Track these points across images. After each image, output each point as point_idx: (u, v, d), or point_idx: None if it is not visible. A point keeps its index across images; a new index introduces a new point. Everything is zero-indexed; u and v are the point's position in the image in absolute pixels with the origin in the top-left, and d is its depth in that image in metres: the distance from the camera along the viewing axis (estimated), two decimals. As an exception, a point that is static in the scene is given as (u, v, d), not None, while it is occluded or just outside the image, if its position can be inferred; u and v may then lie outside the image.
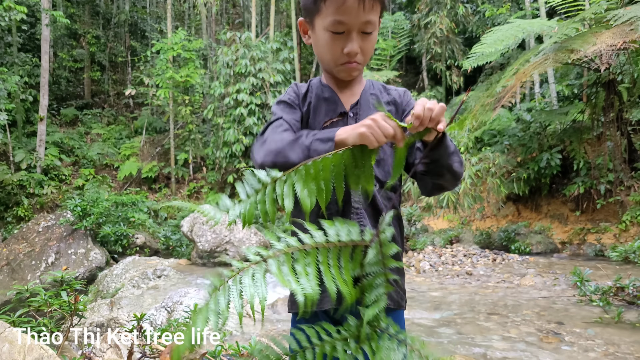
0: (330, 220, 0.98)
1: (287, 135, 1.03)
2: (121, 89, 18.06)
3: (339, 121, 1.17)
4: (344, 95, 1.22)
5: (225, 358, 2.14)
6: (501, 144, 10.02)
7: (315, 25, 1.13)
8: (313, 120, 1.19)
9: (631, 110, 8.68)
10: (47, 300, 2.35)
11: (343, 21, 1.06)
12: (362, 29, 1.08)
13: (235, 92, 11.79)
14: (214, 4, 15.37)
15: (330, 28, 1.08)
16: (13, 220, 10.93)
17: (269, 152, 1.01)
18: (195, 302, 2.90)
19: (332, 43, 1.11)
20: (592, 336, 3.61)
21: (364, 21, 1.06)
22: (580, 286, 4.33)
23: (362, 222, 1.11)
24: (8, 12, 10.47)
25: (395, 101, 1.26)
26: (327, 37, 1.10)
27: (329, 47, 1.12)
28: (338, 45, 1.10)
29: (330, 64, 1.17)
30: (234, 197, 0.78)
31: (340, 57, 1.12)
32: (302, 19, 1.18)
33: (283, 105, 1.21)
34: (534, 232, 8.48)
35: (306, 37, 1.20)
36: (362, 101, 1.21)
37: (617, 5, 7.53)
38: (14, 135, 12.78)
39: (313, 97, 1.22)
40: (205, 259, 8.33)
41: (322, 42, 1.13)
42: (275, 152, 0.99)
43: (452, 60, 13.81)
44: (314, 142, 0.95)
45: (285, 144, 0.99)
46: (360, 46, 1.10)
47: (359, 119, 1.17)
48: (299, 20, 1.20)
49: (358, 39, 1.09)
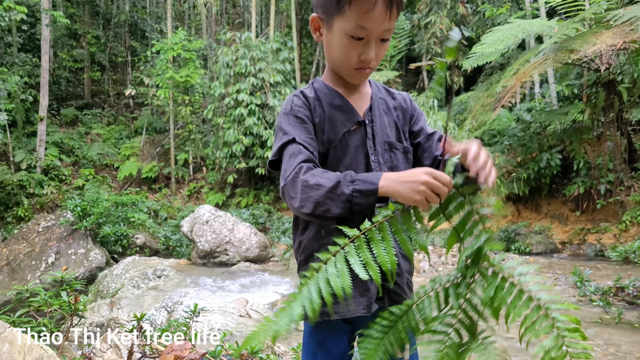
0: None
1: (324, 180, 0.95)
2: (121, 89, 18.06)
3: (357, 129, 1.15)
4: (353, 99, 1.19)
5: (225, 358, 2.14)
6: (501, 144, 10.02)
7: (333, 25, 1.08)
8: (330, 130, 1.13)
9: (631, 110, 8.67)
10: (47, 301, 2.35)
11: (367, 27, 1.03)
12: (382, 36, 1.06)
13: (235, 92, 11.78)
14: (214, 4, 15.36)
15: (351, 32, 1.04)
16: (13, 220, 10.93)
17: (307, 200, 0.95)
18: (195, 302, 2.91)
19: (349, 47, 1.07)
20: (592, 336, 3.61)
21: (385, 29, 1.05)
22: (580, 286, 4.33)
23: None
24: (8, 12, 10.46)
25: (402, 107, 1.24)
26: (345, 40, 1.06)
27: (345, 51, 1.08)
28: (355, 50, 1.07)
29: (342, 67, 1.13)
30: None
31: (356, 63, 1.09)
32: (317, 15, 1.12)
33: (293, 120, 1.11)
34: (534, 232, 8.48)
35: (317, 34, 1.15)
36: (374, 106, 1.19)
37: (617, 5, 7.53)
38: (14, 135, 12.78)
39: (325, 105, 1.16)
40: (205, 259, 8.34)
41: (338, 45, 1.09)
42: (314, 203, 0.94)
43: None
44: (355, 194, 0.91)
45: (324, 193, 0.93)
46: (376, 52, 1.08)
47: (375, 126, 1.16)
48: (312, 15, 1.13)
49: (376, 46, 1.07)
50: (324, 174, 0.98)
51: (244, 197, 12.36)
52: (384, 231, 0.81)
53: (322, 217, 0.94)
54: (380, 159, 1.14)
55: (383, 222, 0.82)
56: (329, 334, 1.14)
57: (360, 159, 1.13)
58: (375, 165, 1.13)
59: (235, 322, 4.13)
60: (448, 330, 0.76)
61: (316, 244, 1.12)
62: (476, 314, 0.75)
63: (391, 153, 1.17)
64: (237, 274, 7.35)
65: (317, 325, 1.14)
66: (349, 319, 1.13)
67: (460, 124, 10.51)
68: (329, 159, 1.13)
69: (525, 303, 0.68)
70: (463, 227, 0.79)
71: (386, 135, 1.17)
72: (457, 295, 0.78)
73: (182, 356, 1.92)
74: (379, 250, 0.78)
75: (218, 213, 8.87)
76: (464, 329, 0.76)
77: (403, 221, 0.83)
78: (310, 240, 1.14)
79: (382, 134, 1.17)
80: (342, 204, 0.92)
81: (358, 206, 0.91)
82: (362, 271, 0.73)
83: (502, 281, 0.72)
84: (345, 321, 1.14)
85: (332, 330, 1.14)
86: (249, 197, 12.30)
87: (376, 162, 1.14)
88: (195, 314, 2.72)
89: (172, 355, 1.94)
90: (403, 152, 1.19)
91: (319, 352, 1.14)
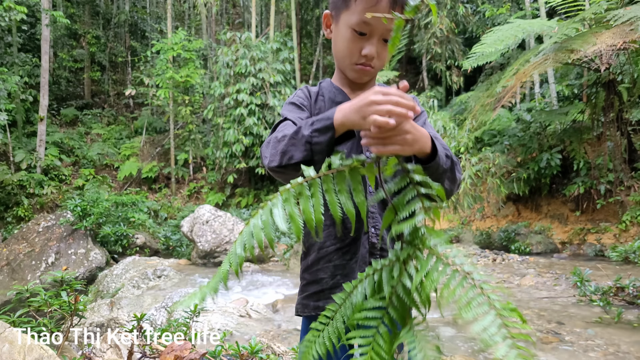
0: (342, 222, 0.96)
1: (288, 130, 0.97)
2: (121, 89, 18.06)
3: None
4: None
5: (225, 358, 2.14)
6: (501, 144, 10.02)
7: (340, 20, 1.12)
8: None
9: (631, 110, 8.67)
10: (47, 301, 2.35)
11: (370, 23, 1.05)
12: (385, 35, 1.08)
13: (235, 92, 11.79)
14: (214, 4, 15.36)
15: (355, 27, 1.08)
16: (13, 220, 10.93)
17: (275, 153, 0.96)
18: (195, 303, 2.90)
19: (352, 41, 1.10)
20: (592, 336, 3.61)
21: (389, 28, 1.06)
22: (580, 286, 4.33)
23: (377, 225, 1.11)
24: (8, 12, 10.47)
25: None
26: (349, 34, 1.10)
27: (348, 45, 1.11)
28: (358, 45, 1.10)
29: (344, 62, 1.16)
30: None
31: (357, 58, 1.12)
32: (329, 12, 1.18)
33: (291, 106, 1.19)
34: (534, 232, 8.48)
35: (327, 31, 1.19)
36: None
37: (617, 5, 7.53)
38: (14, 135, 12.78)
39: (326, 100, 1.20)
40: (206, 259, 8.33)
41: (342, 39, 1.13)
42: (281, 153, 0.94)
43: (452, 60, 13.81)
44: (314, 134, 0.88)
45: (287, 141, 0.93)
46: (379, 52, 1.10)
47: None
48: (324, 12, 1.19)
49: (378, 44, 1.09)
50: (292, 126, 0.99)
51: (244, 197, 12.36)
52: (315, 187, 0.72)
53: (288, 167, 0.92)
54: None
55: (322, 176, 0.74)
56: None
57: (356, 154, 1.13)
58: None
59: (235, 322, 4.13)
60: (378, 317, 0.71)
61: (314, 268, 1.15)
62: (408, 299, 0.70)
63: None
64: (237, 274, 7.34)
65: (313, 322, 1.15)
66: None
67: (460, 124, 10.51)
68: None
69: (460, 282, 0.66)
70: (402, 203, 0.74)
71: None
72: (390, 278, 0.72)
73: (182, 356, 1.92)
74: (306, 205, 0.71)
75: (218, 213, 8.87)
76: (396, 316, 0.71)
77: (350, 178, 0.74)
78: (309, 266, 1.16)
79: None
80: (303, 147, 0.89)
81: (318, 146, 0.87)
82: (282, 222, 0.69)
83: (437, 262, 0.69)
84: None
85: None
86: (249, 197, 12.30)
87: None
88: (195, 314, 2.72)
89: (172, 355, 1.94)
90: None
91: None
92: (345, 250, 1.12)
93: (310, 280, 1.16)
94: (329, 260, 1.13)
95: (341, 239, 1.12)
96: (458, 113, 12.04)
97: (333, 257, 1.12)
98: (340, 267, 1.12)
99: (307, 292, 1.17)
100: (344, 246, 1.12)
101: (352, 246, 1.12)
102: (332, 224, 1.14)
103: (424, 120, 1.20)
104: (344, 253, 1.12)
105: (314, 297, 1.14)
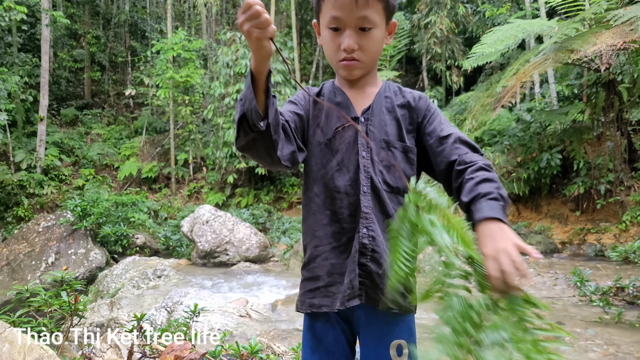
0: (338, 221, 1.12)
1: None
2: (121, 89, 18.06)
3: (351, 126, 1.16)
4: (356, 97, 1.21)
5: (225, 358, 2.14)
6: (501, 144, 10.02)
7: (320, 24, 1.17)
8: (325, 125, 1.18)
9: (631, 110, 8.67)
10: (47, 301, 2.35)
11: (338, 17, 1.08)
12: (359, 24, 1.09)
13: (236, 92, 11.78)
14: (214, 4, 15.36)
15: (328, 24, 1.11)
16: (13, 220, 10.93)
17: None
18: (195, 302, 2.91)
19: (331, 40, 1.13)
20: (592, 336, 3.61)
21: (359, 17, 1.08)
22: (580, 286, 4.33)
23: (371, 226, 1.11)
24: (8, 12, 10.47)
25: (409, 104, 1.22)
26: (327, 34, 1.14)
27: (328, 44, 1.15)
28: (335, 41, 1.12)
29: (332, 62, 1.19)
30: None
31: (339, 54, 1.13)
32: (315, 20, 1.22)
33: (287, 104, 1.22)
34: (534, 232, 8.48)
35: (319, 39, 1.23)
36: (374, 105, 1.20)
37: (617, 5, 7.53)
38: (14, 135, 12.78)
39: (326, 100, 1.23)
40: (206, 259, 8.33)
41: (324, 41, 1.17)
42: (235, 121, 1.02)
43: (452, 60, 13.81)
44: (243, 90, 0.97)
45: (236, 108, 1.00)
46: (359, 43, 1.11)
47: (370, 124, 1.17)
48: (313, 21, 1.23)
49: (355, 35, 1.10)
50: None
51: (244, 197, 12.36)
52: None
53: (238, 129, 0.99)
54: (375, 156, 1.15)
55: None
56: (325, 330, 1.17)
57: (352, 155, 1.15)
58: (366, 162, 1.14)
59: (235, 322, 4.13)
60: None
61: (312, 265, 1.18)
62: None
63: (388, 151, 1.16)
64: (237, 274, 7.35)
65: (314, 320, 1.18)
66: (346, 317, 1.16)
67: (460, 124, 10.51)
68: (322, 153, 1.16)
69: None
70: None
71: (385, 134, 1.17)
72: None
73: (182, 356, 1.92)
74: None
75: (218, 213, 8.87)
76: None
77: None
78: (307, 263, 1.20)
79: (380, 132, 1.17)
80: (239, 106, 0.97)
81: (244, 99, 0.95)
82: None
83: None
84: (343, 319, 1.17)
85: (329, 326, 1.16)
86: (249, 197, 12.30)
87: (368, 159, 1.14)
88: (195, 314, 2.72)
89: (172, 355, 1.94)
90: (402, 151, 1.18)
91: (317, 348, 1.17)
92: (342, 249, 1.13)
93: (308, 276, 1.18)
94: (325, 258, 1.14)
95: (338, 238, 1.13)
96: (458, 113, 12.03)
97: (330, 256, 1.14)
98: (337, 266, 1.13)
99: (304, 289, 1.18)
100: (340, 245, 1.13)
101: (348, 245, 1.13)
102: (329, 223, 1.15)
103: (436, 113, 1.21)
104: (340, 252, 1.13)
105: (310, 294, 1.16)
